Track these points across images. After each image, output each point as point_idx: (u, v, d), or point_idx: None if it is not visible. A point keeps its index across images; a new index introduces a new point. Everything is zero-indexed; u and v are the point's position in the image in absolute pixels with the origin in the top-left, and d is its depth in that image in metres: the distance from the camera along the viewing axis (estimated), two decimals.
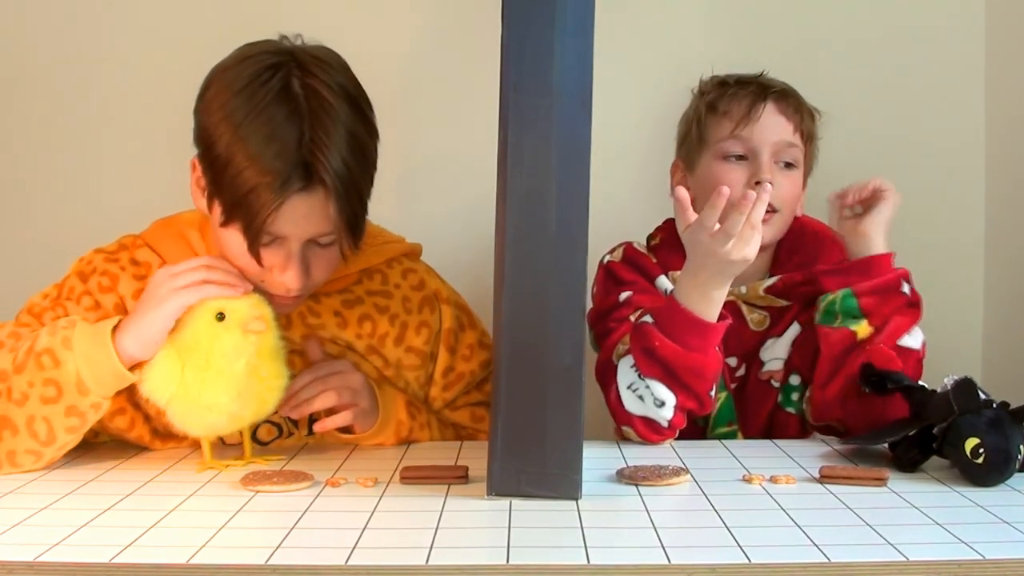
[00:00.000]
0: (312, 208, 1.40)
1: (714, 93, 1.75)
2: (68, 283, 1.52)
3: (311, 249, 1.45)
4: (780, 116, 1.70)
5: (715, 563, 1.00)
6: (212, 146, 1.41)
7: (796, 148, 1.71)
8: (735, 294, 1.70)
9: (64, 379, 1.35)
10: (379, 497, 1.24)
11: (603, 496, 1.24)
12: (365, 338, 1.58)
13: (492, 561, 1.02)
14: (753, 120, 1.69)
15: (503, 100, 1.21)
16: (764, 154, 1.68)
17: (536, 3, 1.20)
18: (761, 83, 1.73)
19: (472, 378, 1.65)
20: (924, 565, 1.00)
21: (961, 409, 1.30)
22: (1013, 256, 2.08)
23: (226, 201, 1.41)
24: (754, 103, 1.70)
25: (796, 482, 1.30)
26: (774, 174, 1.68)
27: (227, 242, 1.44)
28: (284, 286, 1.45)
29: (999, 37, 2.10)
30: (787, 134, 1.70)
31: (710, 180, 1.69)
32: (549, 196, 1.20)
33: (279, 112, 1.39)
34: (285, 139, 1.38)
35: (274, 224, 1.40)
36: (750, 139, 1.69)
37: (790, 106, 1.72)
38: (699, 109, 1.75)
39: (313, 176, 1.38)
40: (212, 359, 1.35)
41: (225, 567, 1.01)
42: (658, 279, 1.71)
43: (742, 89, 1.72)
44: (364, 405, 1.51)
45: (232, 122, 1.39)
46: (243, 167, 1.38)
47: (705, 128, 1.74)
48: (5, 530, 1.12)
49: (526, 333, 1.21)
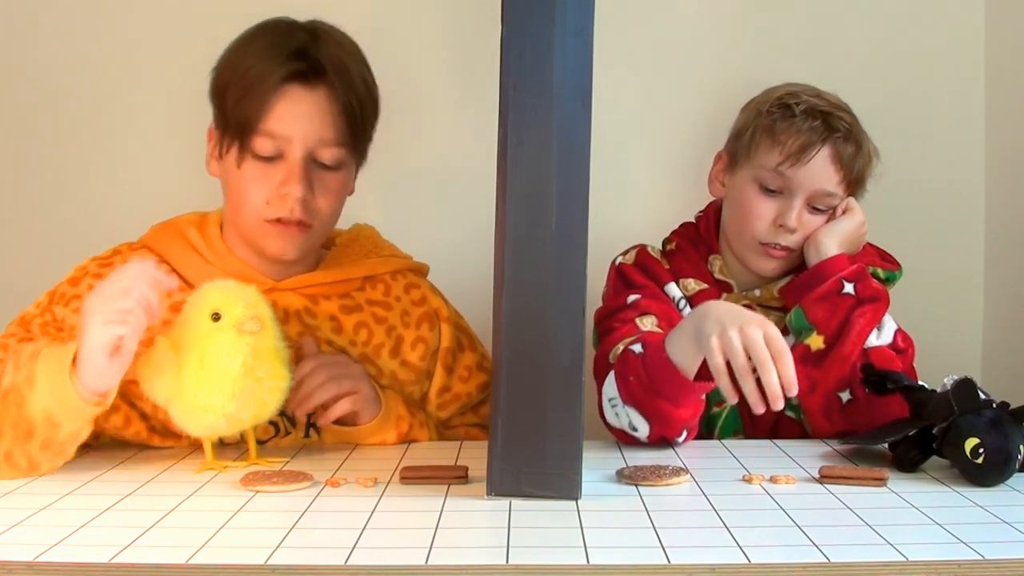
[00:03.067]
0: (315, 106, 1.44)
1: (776, 115, 1.67)
2: (59, 289, 1.53)
3: (315, 171, 1.48)
4: (831, 165, 1.64)
5: (715, 563, 1.00)
6: (218, 77, 1.48)
7: (834, 197, 1.66)
8: (750, 297, 1.70)
9: (33, 416, 1.30)
10: (379, 497, 1.24)
11: (603, 496, 1.24)
12: (360, 346, 1.58)
13: (492, 561, 1.02)
14: (802, 163, 1.63)
15: (503, 100, 1.21)
16: (799, 198, 1.65)
17: (536, 3, 1.20)
18: (827, 121, 1.64)
19: (468, 400, 1.65)
20: (924, 565, 1.00)
21: (961, 409, 1.30)
22: (1013, 256, 2.08)
23: (229, 116, 1.45)
24: (810, 144, 1.63)
25: (796, 482, 1.30)
26: (803, 218, 1.65)
27: (234, 177, 1.48)
28: (288, 201, 1.46)
29: (999, 37, 2.10)
30: (831, 184, 1.65)
31: (741, 198, 1.69)
32: (549, 196, 1.20)
33: (283, 31, 1.47)
34: (288, 44, 1.45)
35: (272, 118, 1.43)
36: (792, 179, 1.64)
37: (847, 154, 1.65)
38: (757, 124, 1.68)
39: (315, 69, 1.43)
40: (207, 359, 1.34)
41: (225, 567, 1.01)
42: (668, 285, 1.70)
43: (805, 123, 1.64)
44: (366, 392, 1.50)
45: (234, 55, 1.48)
46: (244, 71, 1.44)
47: (755, 147, 1.68)
48: (5, 530, 1.12)
49: (526, 333, 1.21)
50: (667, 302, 1.68)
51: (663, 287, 1.70)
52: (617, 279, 1.73)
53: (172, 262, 1.53)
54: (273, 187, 1.48)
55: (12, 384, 1.32)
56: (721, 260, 1.73)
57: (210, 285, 1.39)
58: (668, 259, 1.75)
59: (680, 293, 1.70)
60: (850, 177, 1.66)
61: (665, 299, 1.69)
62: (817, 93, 1.69)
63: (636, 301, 1.65)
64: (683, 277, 1.71)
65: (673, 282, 1.70)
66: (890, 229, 1.86)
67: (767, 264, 1.69)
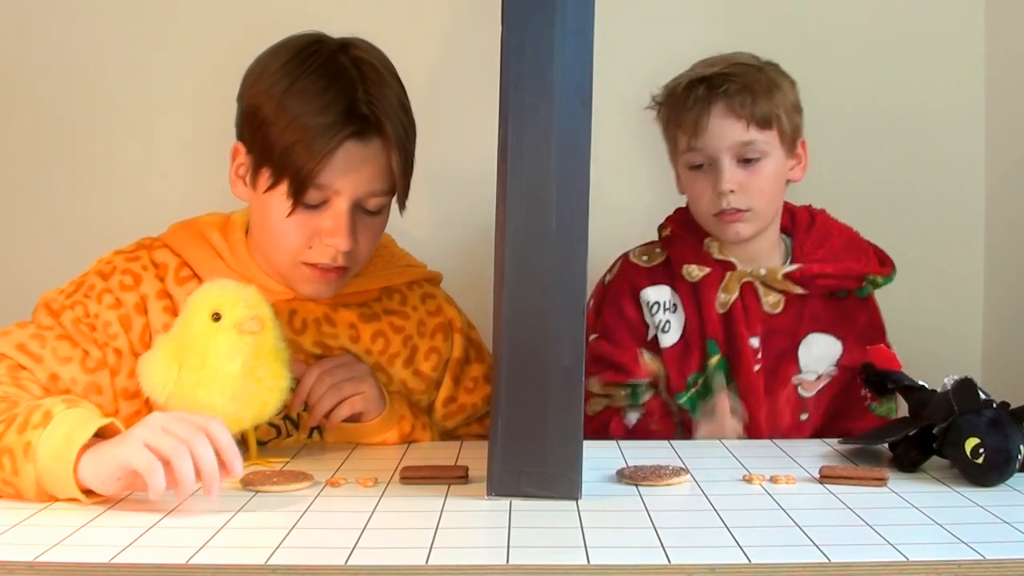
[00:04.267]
0: (368, 159, 1.41)
1: (667, 104, 1.74)
2: (88, 281, 1.50)
3: (359, 217, 1.45)
4: (729, 117, 1.67)
5: (715, 563, 1.00)
6: (255, 114, 1.42)
7: (755, 143, 1.67)
8: (754, 274, 1.71)
9: (23, 487, 1.22)
10: (379, 497, 1.24)
11: (603, 496, 1.24)
12: (375, 355, 1.58)
13: (492, 561, 1.02)
14: (702, 130, 1.67)
15: (503, 100, 1.21)
16: (722, 160, 1.67)
17: (536, 3, 1.20)
18: (710, 83, 1.68)
19: (474, 411, 1.65)
20: (924, 565, 1.00)
21: (961, 409, 1.30)
22: (1013, 256, 2.07)
23: (274, 157, 1.40)
24: (700, 112, 1.67)
25: (796, 482, 1.30)
26: (735, 176, 1.66)
27: (272, 213, 1.43)
28: (332, 251, 1.44)
29: (999, 37, 2.10)
30: (740, 133, 1.66)
31: (686, 188, 1.74)
32: (549, 196, 1.20)
33: (328, 74, 1.41)
34: (339, 93, 1.40)
35: (326, 173, 1.39)
36: (705, 149, 1.68)
37: (740, 103, 1.66)
38: (667, 119, 1.74)
39: (371, 124, 1.39)
40: (207, 359, 1.34)
41: (225, 567, 1.01)
42: (643, 291, 1.74)
43: (690, 96, 1.68)
44: (369, 392, 1.50)
45: (277, 89, 1.41)
46: (291, 121, 1.38)
47: (669, 139, 1.75)
48: (5, 530, 1.12)
49: (526, 333, 1.21)
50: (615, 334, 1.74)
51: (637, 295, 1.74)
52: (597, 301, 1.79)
53: (193, 264, 1.52)
54: (316, 233, 1.44)
55: (9, 447, 1.22)
56: (717, 240, 1.74)
57: (211, 285, 1.39)
58: (666, 246, 1.77)
59: (654, 297, 1.74)
60: (756, 117, 1.66)
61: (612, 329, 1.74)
62: (710, 62, 1.71)
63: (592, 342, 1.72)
64: (685, 263, 1.73)
65: (649, 287, 1.74)
66: (890, 229, 1.86)
67: (730, 230, 1.69)
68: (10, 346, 1.42)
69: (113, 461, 1.19)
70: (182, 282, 1.50)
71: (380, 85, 1.43)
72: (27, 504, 1.21)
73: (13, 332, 1.44)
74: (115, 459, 1.19)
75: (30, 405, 1.26)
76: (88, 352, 1.45)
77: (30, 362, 1.41)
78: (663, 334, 1.73)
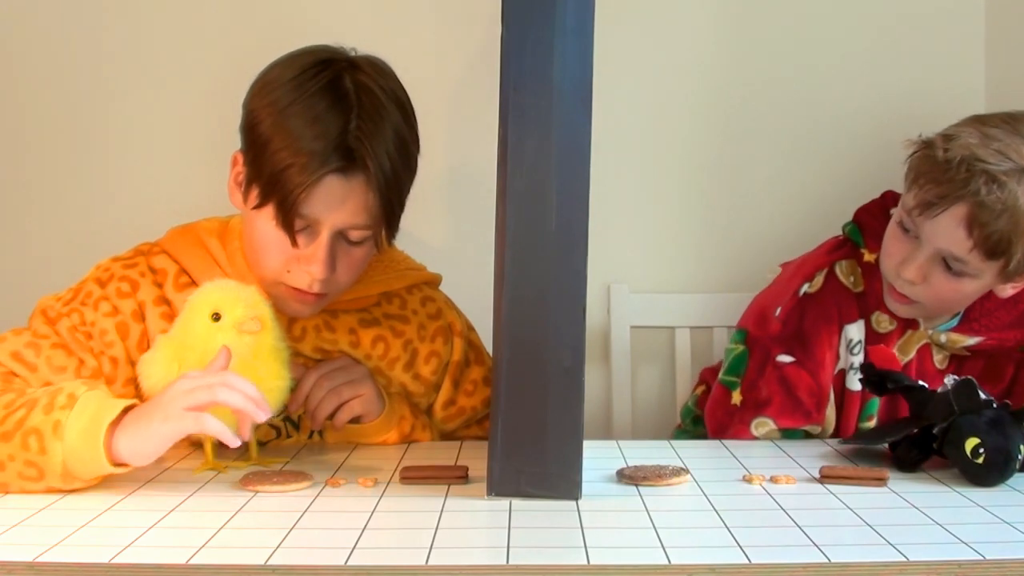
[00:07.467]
0: (349, 194, 1.40)
1: (919, 156, 1.52)
2: (85, 288, 1.50)
3: (341, 245, 1.45)
4: (961, 229, 1.45)
5: (715, 563, 1.00)
6: (255, 127, 1.43)
7: (965, 263, 1.48)
8: (933, 339, 1.60)
9: (48, 466, 1.25)
10: (379, 497, 1.24)
11: (603, 496, 1.24)
12: (375, 359, 1.57)
13: (492, 561, 1.02)
14: (928, 217, 1.47)
15: (503, 100, 1.21)
16: (924, 251, 1.50)
17: (536, 3, 1.20)
18: (970, 172, 1.44)
19: (473, 414, 1.65)
20: (924, 565, 1.00)
21: (961, 409, 1.30)
22: None
23: (263, 178, 1.40)
24: (940, 199, 1.46)
25: (796, 482, 1.30)
26: (930, 272, 1.50)
27: (257, 230, 1.44)
28: (308, 278, 1.44)
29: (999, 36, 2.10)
30: (959, 249, 1.47)
31: (886, 235, 1.58)
32: (549, 196, 1.20)
33: (327, 99, 1.40)
34: (330, 123, 1.39)
35: (308, 204, 1.39)
36: (919, 230, 1.50)
37: (982, 221, 1.44)
38: (914, 160, 1.54)
39: (355, 160, 1.39)
40: (207, 359, 1.34)
41: (225, 567, 1.01)
42: (847, 327, 1.60)
43: (944, 173, 1.46)
44: (368, 394, 1.51)
45: (278, 106, 1.41)
46: (284, 144, 1.39)
47: (908, 182, 1.54)
48: (5, 530, 1.12)
49: (526, 333, 1.21)
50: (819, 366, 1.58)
51: (841, 331, 1.60)
52: (790, 311, 1.61)
53: (191, 271, 1.51)
54: (296, 259, 1.44)
55: (36, 427, 1.25)
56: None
57: (210, 285, 1.39)
58: (865, 273, 1.62)
59: (857, 337, 1.60)
60: (986, 245, 1.45)
61: (818, 360, 1.58)
62: (996, 146, 1.46)
63: (783, 364, 1.58)
64: (878, 310, 1.60)
65: (857, 321, 1.59)
66: None
67: (892, 303, 1.58)
68: (5, 353, 1.42)
69: (159, 436, 1.25)
70: (181, 288, 1.50)
71: (376, 117, 1.41)
72: (27, 504, 1.22)
73: (8, 339, 1.44)
74: (162, 434, 1.25)
75: (50, 389, 1.31)
76: (83, 361, 1.45)
77: (24, 370, 1.41)
78: (853, 374, 1.59)
